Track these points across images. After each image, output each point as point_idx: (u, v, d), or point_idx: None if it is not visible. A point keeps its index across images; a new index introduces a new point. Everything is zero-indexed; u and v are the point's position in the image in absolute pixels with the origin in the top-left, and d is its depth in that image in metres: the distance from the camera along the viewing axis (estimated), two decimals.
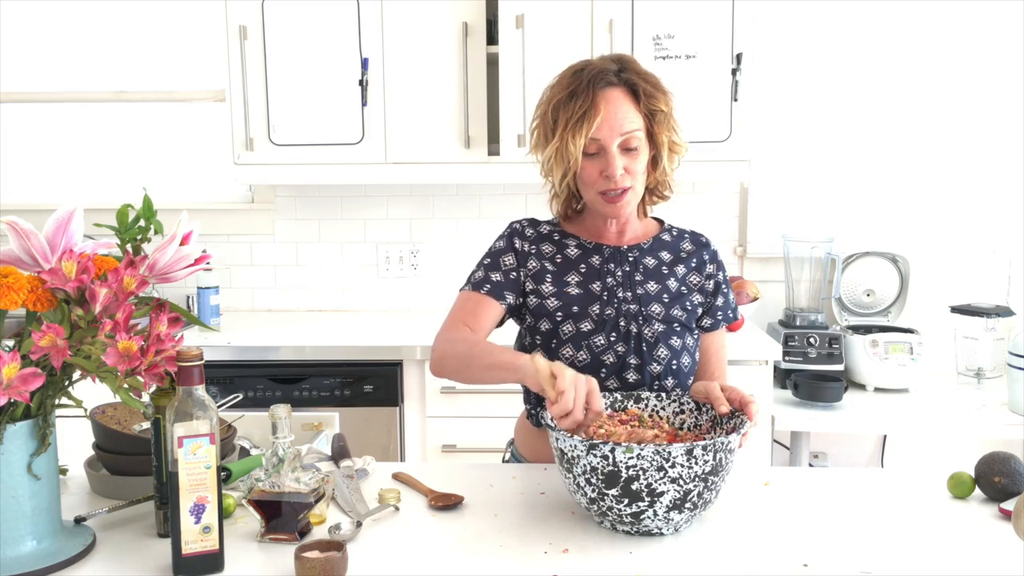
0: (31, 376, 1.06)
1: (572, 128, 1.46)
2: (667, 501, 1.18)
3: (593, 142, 1.47)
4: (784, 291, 2.99)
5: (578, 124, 1.46)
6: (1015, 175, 3.00)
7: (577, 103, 1.47)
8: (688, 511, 1.21)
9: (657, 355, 1.52)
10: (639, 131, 1.49)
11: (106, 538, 1.25)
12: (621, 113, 1.47)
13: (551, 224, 1.65)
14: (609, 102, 1.47)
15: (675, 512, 1.20)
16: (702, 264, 1.62)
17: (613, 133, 1.47)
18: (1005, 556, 1.18)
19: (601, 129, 1.46)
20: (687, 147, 1.57)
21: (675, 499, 1.18)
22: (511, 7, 2.68)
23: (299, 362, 2.61)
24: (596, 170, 1.49)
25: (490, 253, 1.62)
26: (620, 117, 1.47)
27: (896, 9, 2.98)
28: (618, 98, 1.48)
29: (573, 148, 1.47)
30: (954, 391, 2.69)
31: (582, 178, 1.52)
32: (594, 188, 1.51)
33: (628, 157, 1.49)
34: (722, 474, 1.22)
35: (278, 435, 1.29)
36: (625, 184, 1.49)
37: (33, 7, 3.18)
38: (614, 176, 1.47)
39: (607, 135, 1.47)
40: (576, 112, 1.46)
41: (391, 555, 1.19)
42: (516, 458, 1.68)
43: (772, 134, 3.04)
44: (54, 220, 1.15)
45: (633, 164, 1.49)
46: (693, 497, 1.19)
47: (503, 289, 1.57)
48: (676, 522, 1.22)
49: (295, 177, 2.82)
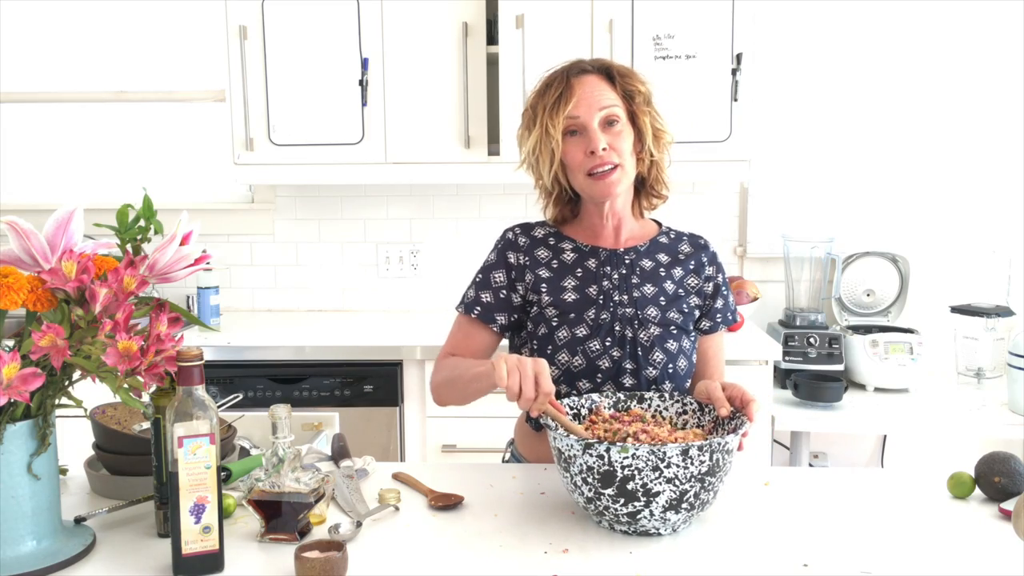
0: (31, 376, 1.06)
1: (550, 111, 1.49)
2: (663, 501, 1.18)
3: (572, 120, 1.49)
4: (784, 291, 2.99)
5: (555, 106, 1.49)
6: (1015, 175, 3.00)
7: (551, 89, 1.51)
8: (685, 511, 1.21)
9: (653, 359, 1.52)
10: (617, 107, 1.51)
11: (106, 538, 1.25)
12: (597, 91, 1.50)
13: (546, 227, 1.64)
14: (584, 84, 1.51)
15: (671, 512, 1.19)
16: (701, 266, 1.61)
17: (591, 109, 1.49)
18: (1005, 556, 1.18)
19: (579, 106, 1.49)
20: (673, 136, 1.59)
21: (671, 499, 1.18)
22: (511, 7, 2.68)
23: (299, 362, 2.61)
24: (580, 150, 1.50)
25: (483, 268, 1.63)
26: (596, 94, 1.50)
27: (896, 9, 2.98)
28: (593, 80, 1.52)
29: (553, 130, 1.48)
30: (954, 391, 2.69)
31: (568, 164, 1.52)
32: (581, 170, 1.51)
33: (610, 134, 1.50)
34: (720, 475, 1.21)
35: (278, 435, 1.29)
36: (611, 159, 1.49)
37: (33, 7, 3.18)
38: (597, 149, 1.48)
39: (585, 111, 1.49)
40: (552, 96, 1.50)
41: (391, 555, 1.19)
42: (516, 458, 1.68)
43: (772, 134, 3.04)
44: (54, 220, 1.15)
45: (617, 142, 1.50)
46: (690, 498, 1.19)
47: (493, 312, 1.58)
48: (673, 522, 1.22)
49: (295, 177, 2.82)
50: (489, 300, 1.59)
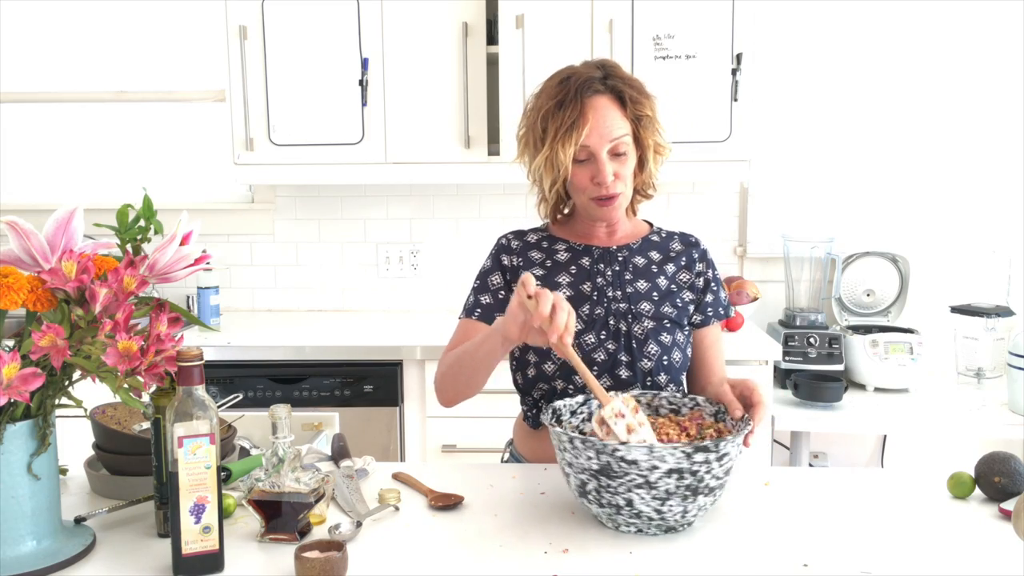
0: (31, 376, 1.06)
1: (562, 138, 1.48)
2: (660, 501, 1.18)
3: (583, 149, 1.49)
4: (784, 291, 2.99)
5: (567, 133, 1.48)
6: (1015, 175, 3.00)
7: (566, 113, 1.48)
8: (682, 512, 1.20)
9: (647, 351, 1.54)
10: (627, 136, 1.51)
11: (106, 538, 1.25)
12: (609, 120, 1.49)
13: (539, 231, 1.68)
14: (597, 110, 1.49)
15: (668, 513, 1.19)
16: (692, 262, 1.64)
17: (603, 140, 1.49)
18: (1005, 556, 1.18)
19: (591, 137, 1.48)
20: (671, 148, 1.60)
21: (668, 500, 1.18)
22: (511, 7, 2.68)
23: (299, 362, 2.61)
24: (586, 177, 1.51)
25: (479, 275, 1.65)
26: (608, 124, 1.49)
27: (896, 9, 2.98)
28: (605, 105, 1.50)
29: (563, 157, 1.48)
30: (954, 391, 2.69)
31: (573, 184, 1.54)
32: (585, 194, 1.53)
33: (617, 163, 1.51)
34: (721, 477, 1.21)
35: (278, 435, 1.29)
36: (616, 190, 1.51)
37: (33, 7, 3.18)
38: (605, 182, 1.50)
39: (596, 143, 1.49)
40: (565, 122, 1.48)
41: (391, 555, 1.19)
42: (515, 458, 1.68)
43: (772, 134, 3.04)
44: (54, 220, 1.15)
45: (622, 169, 1.52)
46: (689, 497, 1.19)
47: (493, 311, 1.59)
48: (670, 523, 1.22)
49: (295, 177, 2.82)
50: (488, 302, 1.61)
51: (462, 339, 1.60)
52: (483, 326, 1.59)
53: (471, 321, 1.61)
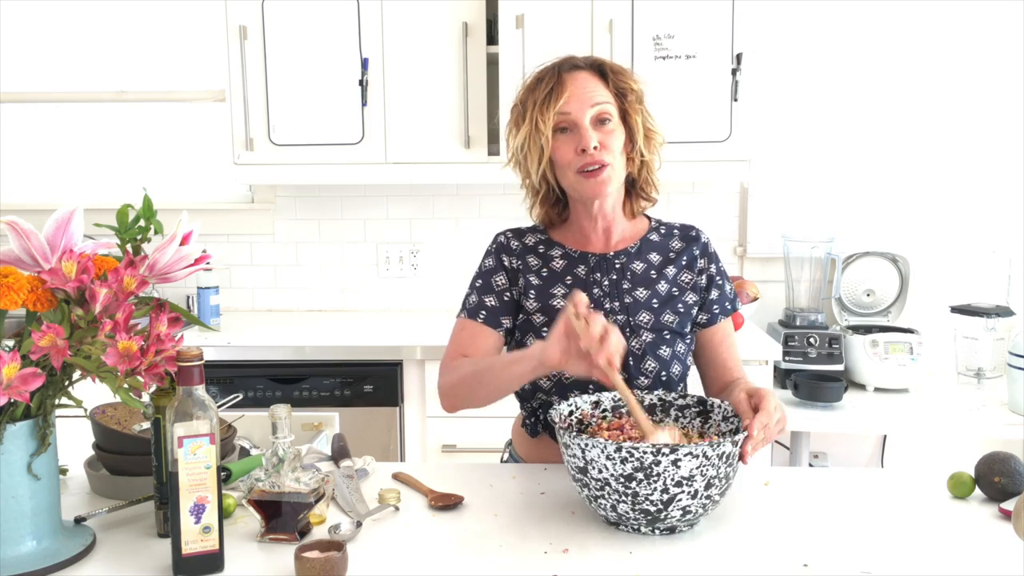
0: (31, 376, 1.06)
1: (540, 106, 1.46)
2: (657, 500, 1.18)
3: (563, 116, 1.47)
4: (784, 291, 2.99)
5: (546, 101, 1.46)
6: (1015, 175, 3.00)
7: (542, 84, 1.48)
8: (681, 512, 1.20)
9: (644, 368, 1.50)
10: (609, 105, 1.48)
11: (106, 538, 1.25)
12: (589, 87, 1.48)
13: (536, 232, 1.63)
14: (576, 80, 1.48)
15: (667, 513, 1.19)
16: (693, 260, 1.58)
17: (583, 105, 1.46)
18: (1005, 556, 1.18)
19: (570, 102, 1.46)
20: (664, 137, 1.56)
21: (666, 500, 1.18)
22: (511, 7, 2.68)
23: (299, 362, 2.61)
24: (570, 148, 1.47)
25: (481, 273, 1.61)
26: (588, 91, 1.47)
27: (896, 9, 2.98)
28: (585, 77, 1.50)
29: (543, 126, 1.46)
30: (954, 391, 2.69)
31: (557, 161, 1.49)
32: (571, 168, 1.48)
33: (601, 132, 1.47)
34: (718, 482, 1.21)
35: (278, 435, 1.29)
36: (602, 158, 1.46)
37: (33, 7, 3.17)
38: (588, 147, 1.45)
39: (576, 107, 1.46)
40: (542, 91, 1.47)
41: (391, 555, 1.19)
42: (514, 458, 1.67)
43: (772, 134, 3.04)
44: (54, 220, 1.15)
45: (608, 140, 1.47)
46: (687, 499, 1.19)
47: (499, 315, 1.56)
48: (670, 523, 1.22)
49: (295, 177, 2.82)
50: (494, 304, 1.57)
51: (466, 341, 1.56)
52: (488, 330, 1.56)
53: (476, 323, 1.56)
